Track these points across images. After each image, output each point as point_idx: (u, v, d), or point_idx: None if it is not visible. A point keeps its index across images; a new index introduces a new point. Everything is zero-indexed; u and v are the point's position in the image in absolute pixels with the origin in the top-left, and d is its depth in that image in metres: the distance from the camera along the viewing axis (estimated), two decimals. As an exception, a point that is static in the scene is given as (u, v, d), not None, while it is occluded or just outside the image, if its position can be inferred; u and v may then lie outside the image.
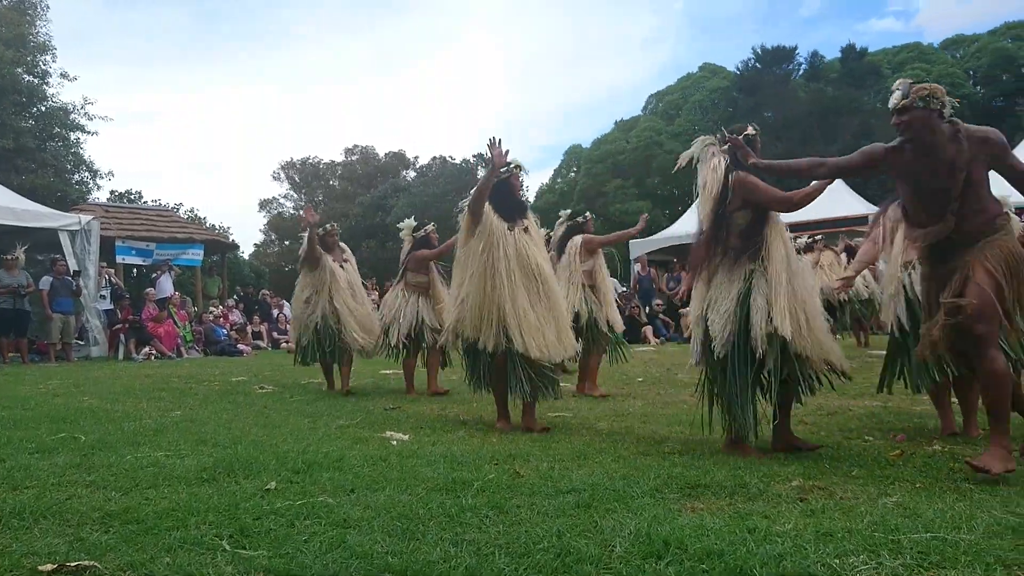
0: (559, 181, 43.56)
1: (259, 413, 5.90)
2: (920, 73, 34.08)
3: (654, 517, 2.71)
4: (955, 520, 2.63)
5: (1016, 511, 2.75)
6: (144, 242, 17.41)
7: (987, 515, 2.69)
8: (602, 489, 3.16)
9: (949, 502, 2.90)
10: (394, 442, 4.46)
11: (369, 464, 3.76)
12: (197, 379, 9.05)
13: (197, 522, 2.74)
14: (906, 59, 36.11)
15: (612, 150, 38.91)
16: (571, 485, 3.26)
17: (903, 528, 2.55)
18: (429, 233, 7.31)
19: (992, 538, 2.45)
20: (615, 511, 2.82)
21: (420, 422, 5.43)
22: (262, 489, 3.23)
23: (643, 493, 3.09)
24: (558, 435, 4.74)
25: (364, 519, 2.75)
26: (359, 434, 4.80)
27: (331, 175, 44.20)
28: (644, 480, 3.31)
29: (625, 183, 36.87)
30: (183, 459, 3.90)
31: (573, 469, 3.62)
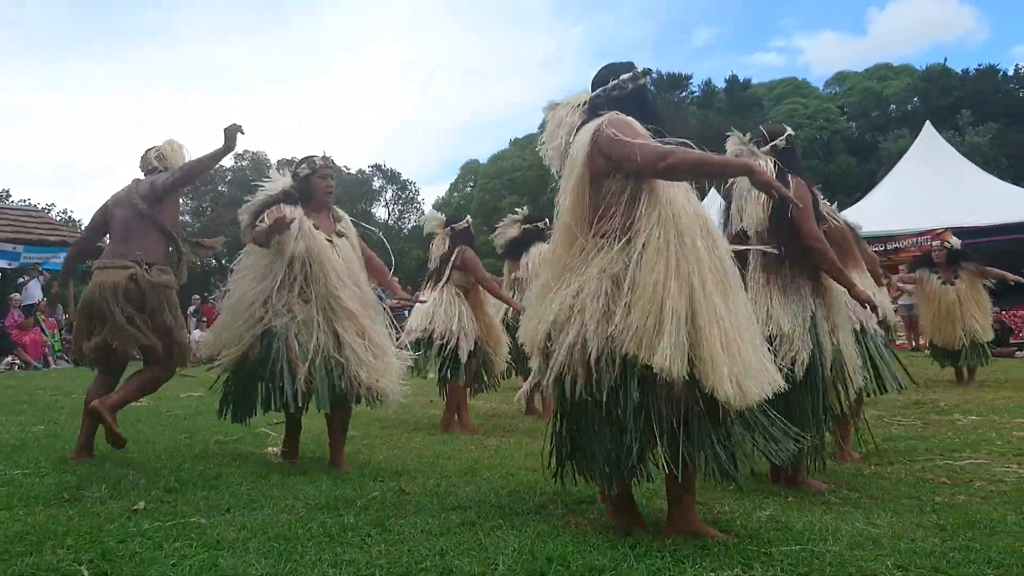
0: (455, 195, 43.66)
1: (131, 428, 5.56)
2: (798, 107, 36.20)
3: (538, 534, 2.71)
4: (822, 532, 2.75)
5: (876, 523, 2.91)
6: (10, 244, 16.21)
7: (850, 527, 2.83)
8: (488, 506, 3.14)
9: (817, 515, 3.04)
10: (275, 459, 4.30)
11: (248, 482, 3.61)
12: (65, 391, 8.48)
13: (54, 546, 2.54)
14: (784, 92, 38.22)
15: (508, 167, 39.37)
16: (457, 502, 3.23)
17: (775, 541, 2.64)
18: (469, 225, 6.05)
19: (855, 549, 2.58)
20: (500, 528, 2.81)
21: (304, 438, 5.26)
22: (129, 509, 3.04)
23: (529, 510, 3.09)
24: (448, 451, 4.70)
25: (239, 540, 2.62)
26: (239, 450, 4.61)
27: (219, 180, 42.65)
28: (530, 496, 3.32)
29: (520, 200, 37.22)
30: (43, 478, 3.63)
31: (460, 486, 3.59)
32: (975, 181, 17.89)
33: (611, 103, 2.75)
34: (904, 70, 38.76)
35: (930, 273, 8.35)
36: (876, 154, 31.64)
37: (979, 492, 3.46)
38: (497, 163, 40.98)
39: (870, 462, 4.21)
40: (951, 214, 13.65)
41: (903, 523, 2.92)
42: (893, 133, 30.79)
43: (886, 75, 38.65)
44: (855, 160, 33.74)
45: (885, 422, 5.73)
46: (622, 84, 2.78)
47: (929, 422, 5.72)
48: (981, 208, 15.29)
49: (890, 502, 3.28)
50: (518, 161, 39.39)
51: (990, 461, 4.17)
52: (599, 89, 2.81)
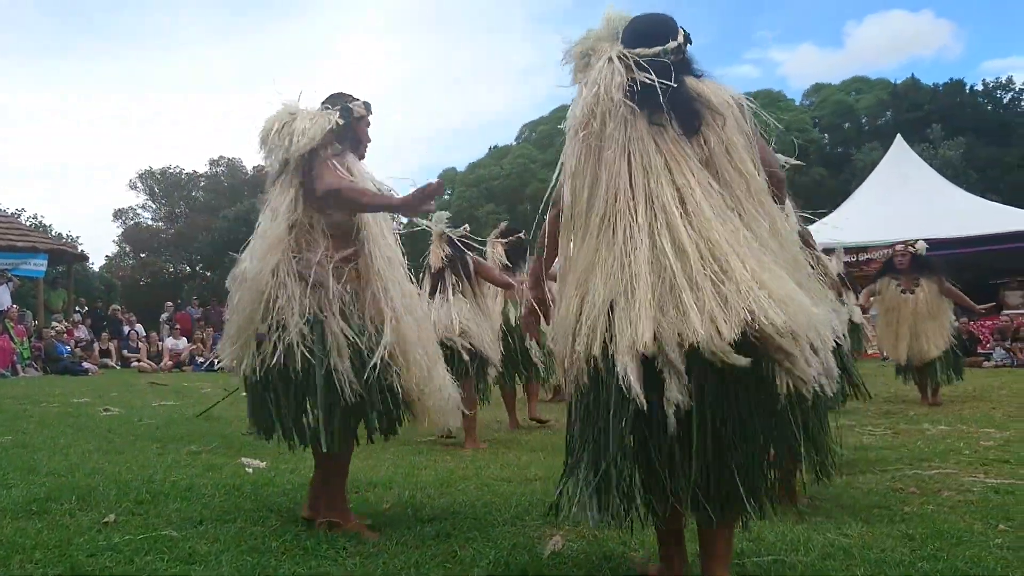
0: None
1: (102, 438, 5.50)
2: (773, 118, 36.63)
3: (513, 546, 2.72)
4: (794, 543, 2.78)
5: (847, 533, 2.95)
6: (-22, 250, 16.00)
7: (822, 537, 2.87)
8: (463, 518, 3.14)
9: (789, 526, 3.07)
10: (250, 469, 4.27)
11: (221, 493, 3.58)
12: (33, 400, 8.34)
13: (21, 560, 2.51)
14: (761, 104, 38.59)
15: (486, 175, 39.44)
16: (432, 514, 3.22)
17: (748, 552, 2.67)
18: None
19: (826, 559, 2.62)
20: (475, 540, 2.81)
21: (280, 448, 5.21)
22: (99, 522, 3.00)
23: (504, 521, 3.10)
24: (423, 462, 4.69)
25: (211, 554, 2.60)
26: (212, 461, 4.56)
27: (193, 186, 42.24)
28: (505, 507, 3.32)
29: (498, 208, 37.34)
30: (10, 489, 3.57)
31: (435, 497, 3.59)
32: (945, 194, 18.26)
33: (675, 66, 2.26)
34: (879, 83, 39.41)
35: (890, 280, 7.74)
36: (849, 166, 32.06)
37: (947, 502, 3.52)
38: (475, 171, 41.04)
39: (841, 472, 4.25)
40: (921, 226, 13.88)
41: (873, 533, 2.96)
42: (867, 146, 31.24)
43: (860, 88, 39.28)
44: (828, 172, 34.18)
45: (856, 432, 5.80)
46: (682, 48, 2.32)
47: (899, 432, 5.81)
48: (950, 220, 15.60)
49: (861, 512, 3.32)
50: (495, 169, 39.49)
51: (958, 471, 4.24)
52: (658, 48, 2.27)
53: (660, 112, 2.19)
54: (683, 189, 2.12)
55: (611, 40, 2.34)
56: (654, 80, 2.18)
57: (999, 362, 13.18)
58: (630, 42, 2.31)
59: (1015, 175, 29.16)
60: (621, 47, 2.30)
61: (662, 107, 2.18)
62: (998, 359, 13.30)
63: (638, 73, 2.20)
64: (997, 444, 5.08)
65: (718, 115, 2.21)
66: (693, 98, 2.22)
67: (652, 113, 2.20)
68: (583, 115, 2.25)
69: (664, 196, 2.11)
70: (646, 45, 2.28)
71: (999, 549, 2.72)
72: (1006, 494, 3.63)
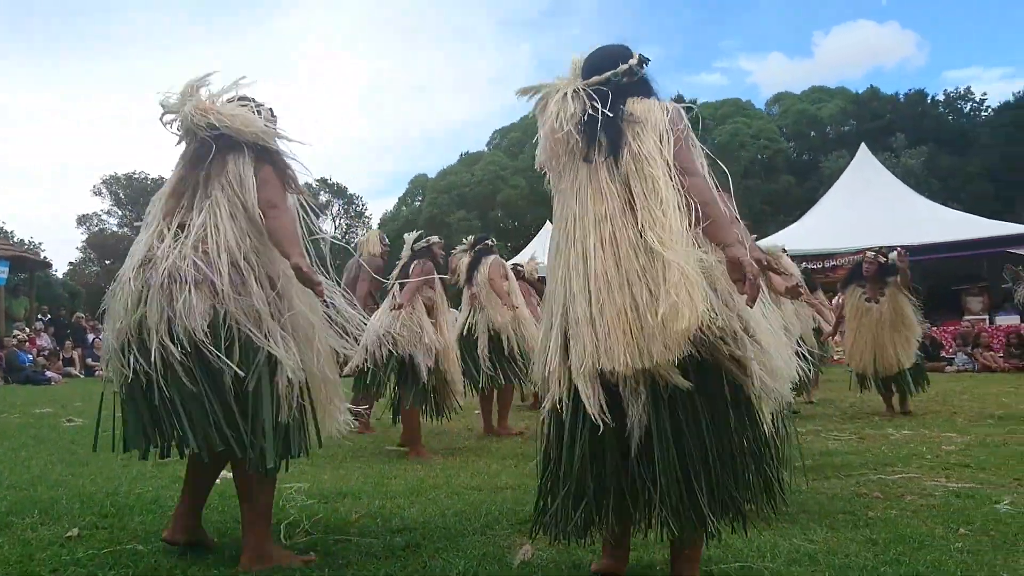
0: (404, 209, 43.47)
1: (65, 449, 5.40)
2: (741, 127, 37.07)
3: (483, 555, 2.72)
4: (761, 549, 2.82)
5: (813, 538, 2.99)
6: (-64, 256, 15.63)
7: (788, 543, 2.91)
8: (433, 527, 3.14)
9: (756, 531, 3.09)
10: (218, 480, 4.21)
11: (187, 505, 3.53)
12: (-7, 411, 8.18)
13: (-20, 577, 2.46)
14: (728, 112, 39.08)
15: (457, 182, 39.42)
16: (402, 524, 3.21)
17: (716, 559, 2.70)
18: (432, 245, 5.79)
19: (792, 565, 2.65)
20: (445, 550, 2.80)
21: (247, 458, 5.18)
22: (62, 537, 2.96)
23: (474, 531, 3.09)
24: (393, 471, 4.67)
25: (177, 568, 2.57)
26: (179, 472, 4.44)
27: (162, 193, 41.70)
28: (475, 517, 3.32)
29: (469, 215, 37.34)
30: (-31, 504, 3.50)
31: (406, 507, 3.58)
32: (908, 202, 18.59)
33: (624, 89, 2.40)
34: (839, 92, 40.10)
35: (856, 287, 7.62)
36: (816, 174, 32.54)
37: (910, 506, 3.58)
38: (446, 178, 41.01)
39: (808, 478, 4.31)
40: (884, 233, 14.11)
41: (838, 538, 3.00)
42: (833, 154, 31.73)
43: (820, 97, 39.95)
44: (795, 179, 34.66)
45: (822, 437, 5.88)
46: (635, 70, 2.43)
47: (864, 437, 5.89)
48: (913, 228, 15.87)
49: (826, 517, 3.36)
50: (467, 176, 39.49)
51: (921, 475, 4.31)
52: (608, 73, 2.40)
53: (594, 142, 2.32)
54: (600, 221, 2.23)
55: (574, 78, 2.46)
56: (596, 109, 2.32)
57: (961, 367, 13.43)
58: (586, 75, 2.44)
59: (975, 184, 29.80)
60: (580, 82, 2.43)
61: (596, 136, 2.32)
62: (960, 364, 13.56)
63: (588, 103, 2.35)
64: (958, 449, 5.18)
65: (637, 124, 2.32)
66: (623, 118, 2.34)
67: (589, 144, 2.34)
68: (543, 153, 2.42)
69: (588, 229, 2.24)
70: (599, 74, 2.42)
71: (959, 553, 2.77)
72: (967, 498, 3.71)
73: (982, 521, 3.24)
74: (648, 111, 2.35)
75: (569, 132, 2.32)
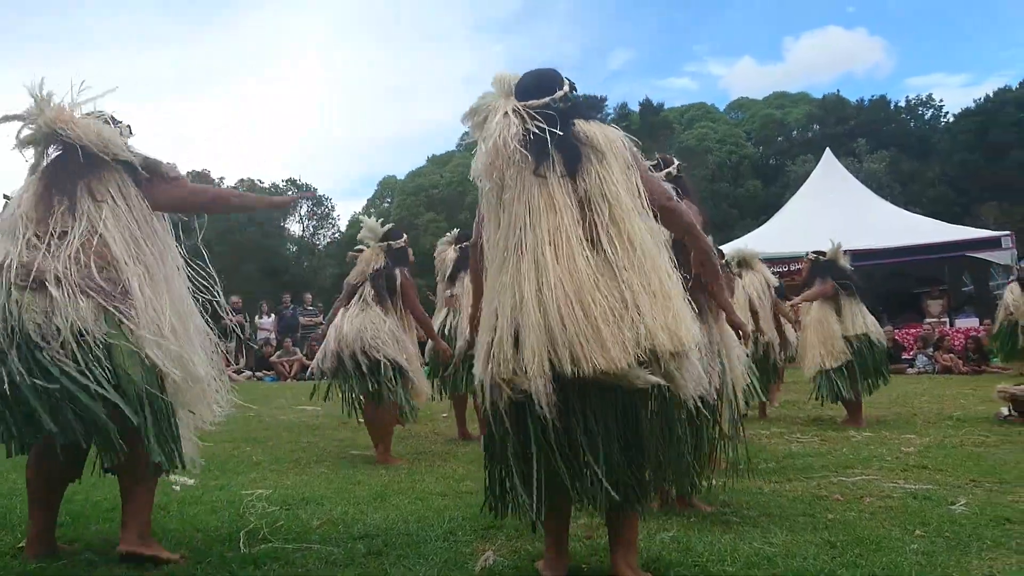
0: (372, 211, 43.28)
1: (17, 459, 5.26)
2: (708, 131, 37.47)
3: (445, 562, 2.71)
4: (721, 553, 2.84)
5: (772, 541, 3.02)
6: None
7: (748, 546, 2.93)
8: (395, 533, 3.12)
9: (717, 535, 3.13)
10: (177, 487, 4.14)
11: (145, 513, 3.47)
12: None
13: (-74, 590, 2.40)
14: (695, 116, 39.51)
15: (426, 183, 39.34)
16: (365, 530, 3.19)
17: (675, 563, 2.72)
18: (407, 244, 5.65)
19: (751, 568, 2.68)
20: (407, 557, 2.79)
21: (209, 463, 5.06)
22: (14, 547, 2.89)
23: (437, 537, 3.08)
24: (357, 476, 4.63)
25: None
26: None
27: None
28: (439, 523, 3.30)
29: (438, 217, 37.25)
30: (-83, 514, 3.41)
31: (369, 512, 3.55)
32: (870, 206, 18.88)
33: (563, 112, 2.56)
34: (801, 97, 40.75)
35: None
36: (782, 178, 32.98)
37: (868, 508, 3.63)
38: (415, 179, 40.89)
39: (770, 480, 4.36)
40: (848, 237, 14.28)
41: (797, 541, 3.03)
42: (799, 158, 32.17)
43: (783, 103, 40.57)
44: (761, 183, 35.09)
45: (786, 439, 5.95)
46: (569, 96, 2.61)
47: (826, 439, 5.97)
48: (876, 232, 16.13)
49: (786, 520, 3.40)
50: (436, 178, 39.41)
51: (880, 477, 4.38)
52: (547, 99, 2.55)
53: (545, 159, 2.45)
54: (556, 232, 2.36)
55: (505, 96, 2.60)
56: (544, 129, 2.46)
57: (921, 368, 13.67)
58: (521, 96, 2.59)
59: (936, 189, 30.42)
60: (515, 101, 2.56)
61: (548, 154, 2.45)
62: (920, 366, 13.80)
63: (530, 123, 2.49)
64: (917, 450, 5.28)
65: (599, 152, 2.48)
66: (579, 140, 2.50)
67: (538, 160, 2.46)
68: (484, 166, 2.50)
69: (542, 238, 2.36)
70: (536, 97, 2.57)
71: (915, 555, 2.82)
72: (923, 499, 3.77)
73: (937, 522, 3.30)
74: (610, 141, 2.52)
75: (513, 150, 2.45)
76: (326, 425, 7.16)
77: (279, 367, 14.64)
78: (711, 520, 3.44)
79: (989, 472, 4.40)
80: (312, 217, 43.72)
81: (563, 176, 2.45)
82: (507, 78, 2.64)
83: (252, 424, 7.37)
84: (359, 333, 5.08)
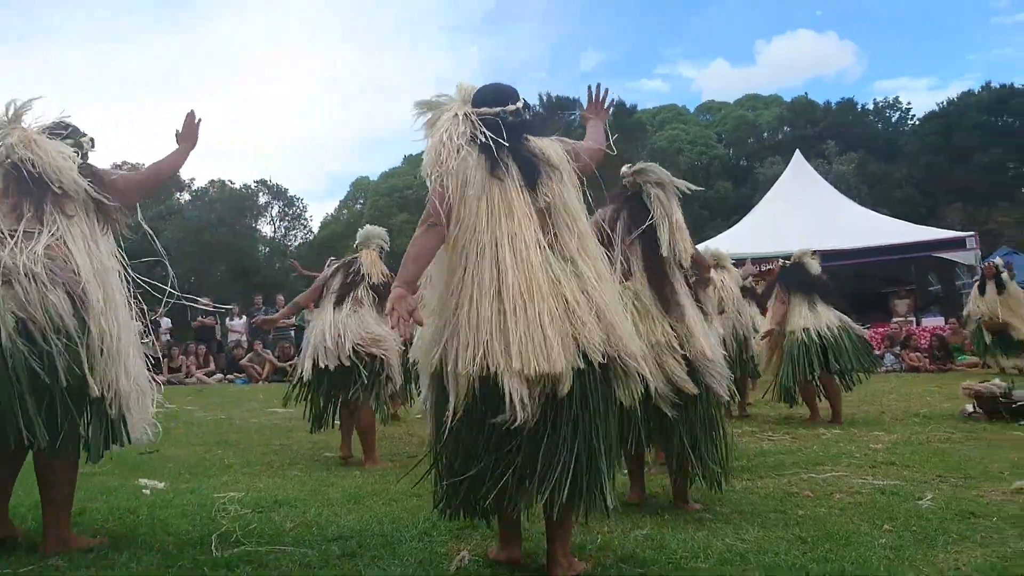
0: (345, 212, 43.02)
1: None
2: (679, 132, 37.76)
3: (420, 563, 2.70)
4: (695, 550, 2.87)
5: (744, 538, 3.05)
6: None
7: (721, 543, 2.96)
8: (370, 535, 3.10)
9: (691, 532, 3.16)
10: (147, 491, 4.10)
11: (115, 518, 3.44)
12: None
13: None
14: (667, 118, 39.82)
15: (400, 184, 39.18)
16: (339, 532, 3.17)
17: (650, 561, 2.74)
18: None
19: (724, 564, 2.71)
20: (381, 558, 2.78)
21: (180, 467, 5.06)
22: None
23: (411, 537, 3.07)
24: (331, 478, 4.61)
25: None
26: (107, 483, 4.36)
27: (92, 193, 40.39)
28: (413, 523, 3.29)
29: (412, 218, 37.11)
30: None
31: (343, 514, 3.53)
32: (839, 207, 19.16)
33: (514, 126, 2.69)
34: (772, 100, 41.26)
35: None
36: (752, 179, 33.32)
37: (838, 504, 3.69)
38: (388, 180, 40.72)
39: (742, 478, 4.41)
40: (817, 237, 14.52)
41: (768, 537, 3.07)
42: (768, 160, 32.53)
43: (754, 105, 41.07)
44: (732, 184, 35.44)
45: (757, 438, 6.01)
46: (520, 112, 2.75)
47: (797, 437, 6.04)
48: (844, 232, 16.38)
49: (758, 517, 3.44)
50: (409, 179, 39.26)
51: (848, 473, 4.45)
52: (498, 108, 2.70)
53: (499, 165, 2.57)
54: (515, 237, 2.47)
55: (462, 102, 2.74)
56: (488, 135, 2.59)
57: (889, 367, 13.87)
58: (476, 105, 2.73)
59: (902, 190, 30.92)
60: (469, 108, 2.71)
61: (499, 160, 2.57)
62: (888, 364, 14.00)
63: (479, 128, 2.62)
64: (885, 447, 5.36)
65: (555, 170, 2.62)
66: (535, 155, 2.63)
67: (493, 165, 2.57)
68: (431, 159, 2.62)
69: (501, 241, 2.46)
70: (488, 106, 2.71)
71: (883, 549, 2.87)
72: (891, 495, 3.83)
73: (905, 517, 3.36)
74: (560, 158, 2.66)
75: (459, 147, 2.58)
76: (299, 427, 7.08)
77: (250, 370, 14.50)
78: (685, 518, 3.47)
79: (954, 468, 4.49)
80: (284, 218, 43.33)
81: (522, 187, 2.57)
82: (468, 88, 2.79)
83: (224, 427, 7.31)
84: (357, 333, 5.02)
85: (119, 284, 3.04)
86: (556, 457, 2.39)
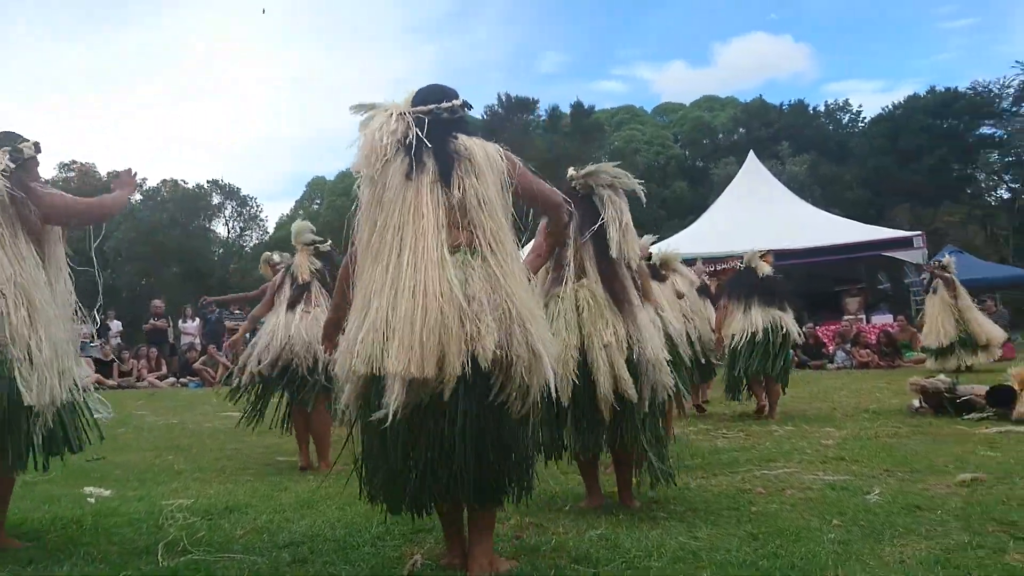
0: (301, 212, 42.48)
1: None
2: (636, 133, 38.08)
3: (372, 567, 2.67)
4: (648, 548, 2.88)
5: (697, 535, 3.08)
6: None
7: (674, 541, 2.98)
8: (322, 540, 3.06)
9: (645, 531, 3.18)
10: (92, 499, 3.99)
11: (58, 527, 3.34)
12: None
13: None
14: (624, 119, 40.13)
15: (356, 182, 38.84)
16: (290, 538, 3.12)
17: (603, 560, 2.74)
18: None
19: (676, 563, 2.72)
20: (333, 564, 2.74)
21: (128, 473, 4.94)
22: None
23: (364, 542, 3.04)
24: (285, 482, 4.53)
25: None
26: (50, 491, 4.23)
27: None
28: (366, 528, 3.26)
29: (369, 217, 36.88)
30: None
31: (295, 520, 3.48)
32: (792, 207, 19.53)
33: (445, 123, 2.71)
34: (729, 102, 41.86)
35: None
36: (708, 180, 33.73)
37: (789, 500, 3.74)
38: (345, 180, 40.28)
39: (696, 476, 4.45)
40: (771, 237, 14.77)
41: (721, 534, 3.10)
42: (722, 161, 32.96)
43: (712, 106, 41.63)
44: (688, 184, 35.84)
45: (711, 436, 6.08)
46: (456, 109, 2.76)
47: (751, 434, 6.12)
48: (797, 232, 16.69)
49: (711, 514, 3.47)
50: (367, 179, 38.98)
51: (801, 469, 4.52)
52: (432, 106, 2.71)
53: (419, 163, 2.58)
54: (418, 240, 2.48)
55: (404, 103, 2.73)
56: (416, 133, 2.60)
57: (840, 364, 14.16)
58: (414, 104, 2.72)
59: (853, 191, 31.59)
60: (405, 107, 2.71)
61: (421, 158, 2.59)
62: (840, 361, 14.29)
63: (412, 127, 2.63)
64: (836, 443, 5.46)
65: (476, 166, 2.61)
66: (455, 151, 2.63)
67: (411, 163, 2.58)
68: (361, 159, 2.65)
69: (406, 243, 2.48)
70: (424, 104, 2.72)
71: (832, 544, 2.91)
72: (841, 490, 3.90)
73: (854, 511, 3.42)
74: (488, 157, 2.65)
75: (387, 146, 2.59)
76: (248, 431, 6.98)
77: (204, 373, 14.23)
78: (639, 517, 3.48)
79: (902, 462, 4.58)
80: (238, 219, 42.67)
81: (435, 182, 2.58)
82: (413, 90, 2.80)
83: (175, 432, 7.17)
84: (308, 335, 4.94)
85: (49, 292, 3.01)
86: (453, 458, 2.43)
